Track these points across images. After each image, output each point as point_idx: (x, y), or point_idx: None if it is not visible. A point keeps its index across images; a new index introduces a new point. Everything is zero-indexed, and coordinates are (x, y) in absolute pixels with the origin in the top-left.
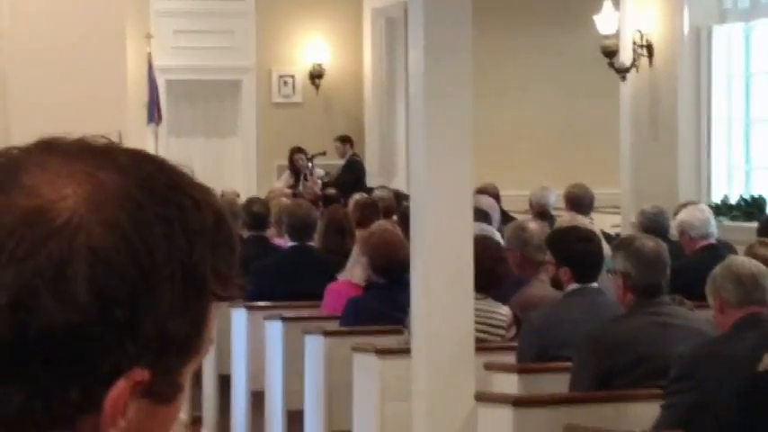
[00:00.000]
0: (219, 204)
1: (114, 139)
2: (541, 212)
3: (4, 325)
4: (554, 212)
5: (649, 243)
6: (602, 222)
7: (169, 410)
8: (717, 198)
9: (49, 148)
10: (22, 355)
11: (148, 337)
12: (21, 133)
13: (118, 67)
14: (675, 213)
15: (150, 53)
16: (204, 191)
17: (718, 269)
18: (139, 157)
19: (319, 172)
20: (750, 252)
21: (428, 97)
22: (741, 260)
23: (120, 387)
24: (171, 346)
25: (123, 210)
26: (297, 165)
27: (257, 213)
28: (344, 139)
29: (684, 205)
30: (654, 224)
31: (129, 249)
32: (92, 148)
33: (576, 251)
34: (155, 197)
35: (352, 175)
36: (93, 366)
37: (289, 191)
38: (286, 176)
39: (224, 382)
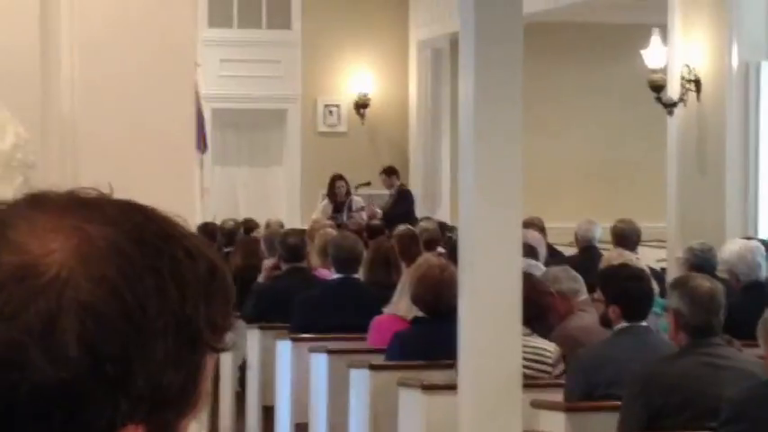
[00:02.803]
0: (213, 253)
1: (105, 190)
2: (587, 246)
3: None
4: (599, 246)
5: (705, 284)
6: (646, 257)
7: None
8: (764, 234)
9: (37, 203)
10: (12, 414)
11: (142, 392)
12: (89, 175)
13: (185, 104)
14: (722, 251)
15: (197, 82)
16: (197, 240)
17: None
18: (129, 208)
19: (358, 202)
20: None
21: (478, 132)
22: None
23: None
24: (166, 401)
25: (112, 262)
26: (336, 193)
27: (293, 245)
28: (391, 171)
29: (733, 242)
30: (701, 261)
31: (120, 303)
32: (80, 201)
33: (627, 290)
34: (145, 248)
35: (403, 206)
36: (86, 423)
37: (330, 222)
38: (325, 205)
39: (267, 414)
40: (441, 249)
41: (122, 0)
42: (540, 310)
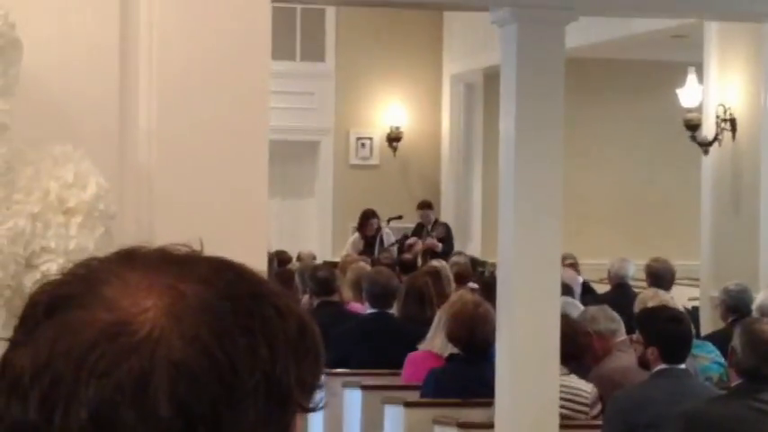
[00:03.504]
0: (302, 311)
1: (195, 246)
2: (620, 284)
3: None
4: (632, 283)
5: None
6: (679, 295)
7: None
8: None
9: (129, 259)
10: None
11: None
12: (165, 226)
13: (260, 154)
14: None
15: None
16: (287, 298)
17: None
18: (220, 266)
19: (389, 236)
20: None
21: (519, 166)
22: None
23: None
24: None
25: (204, 322)
26: (369, 229)
27: (323, 278)
28: (429, 205)
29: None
30: (737, 302)
31: (211, 363)
32: (172, 258)
33: (666, 331)
34: (236, 307)
35: (448, 240)
36: None
37: (360, 257)
38: (355, 240)
39: None
40: (473, 285)
41: (201, 49)
42: (577, 349)
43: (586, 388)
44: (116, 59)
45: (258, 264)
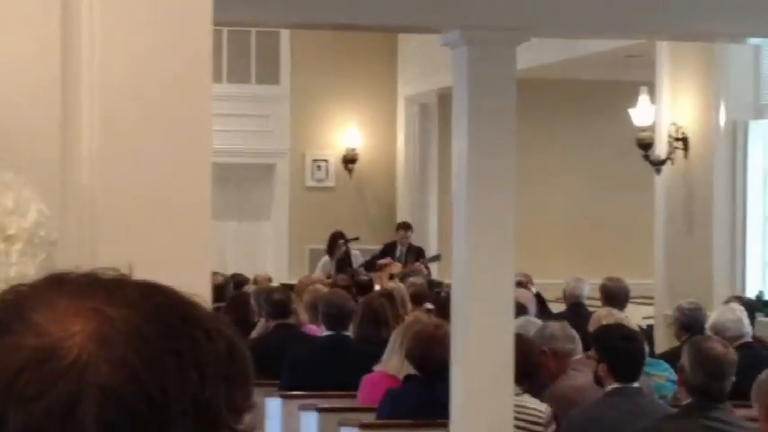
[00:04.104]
0: (232, 333)
1: (125, 269)
2: (575, 303)
3: None
4: (587, 303)
5: (717, 347)
6: (633, 313)
7: None
8: (751, 292)
9: (58, 284)
10: None
11: None
12: (107, 250)
13: (203, 175)
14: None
15: None
16: (217, 320)
17: (764, 375)
18: (149, 290)
19: (358, 259)
20: None
21: (471, 187)
22: None
23: None
24: None
25: (132, 345)
26: (336, 250)
27: (278, 301)
28: (409, 226)
29: (718, 309)
30: (691, 320)
31: (139, 386)
32: (100, 283)
33: (617, 349)
34: (165, 330)
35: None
36: None
37: (327, 279)
38: (325, 263)
39: None
40: (429, 306)
41: (142, 74)
42: (531, 368)
43: (540, 407)
44: (57, 86)
45: (202, 287)
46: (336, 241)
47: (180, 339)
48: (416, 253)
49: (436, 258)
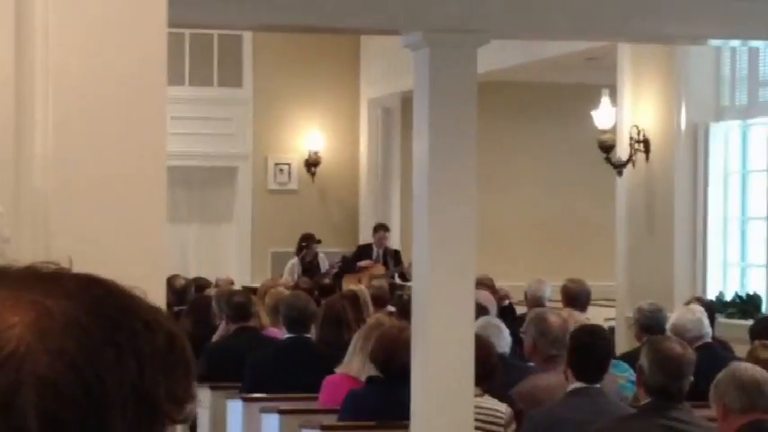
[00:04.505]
0: (172, 325)
1: (65, 264)
2: (536, 305)
3: None
4: (549, 304)
5: (676, 347)
6: (595, 315)
7: None
8: (712, 294)
9: None
10: None
11: None
12: (62, 254)
13: (159, 177)
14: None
15: None
16: (156, 312)
17: (721, 375)
18: (88, 282)
19: (325, 262)
20: (751, 356)
21: (432, 191)
22: (744, 366)
23: None
24: None
25: (70, 336)
26: (308, 255)
27: (238, 304)
28: (386, 227)
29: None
30: (651, 321)
31: (78, 376)
32: (39, 275)
33: (580, 350)
34: (103, 321)
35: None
36: None
37: (291, 282)
38: (293, 265)
39: None
40: (390, 308)
41: (96, 77)
42: (491, 369)
43: (500, 408)
44: (12, 88)
45: (156, 285)
46: (307, 243)
47: (119, 331)
48: (393, 255)
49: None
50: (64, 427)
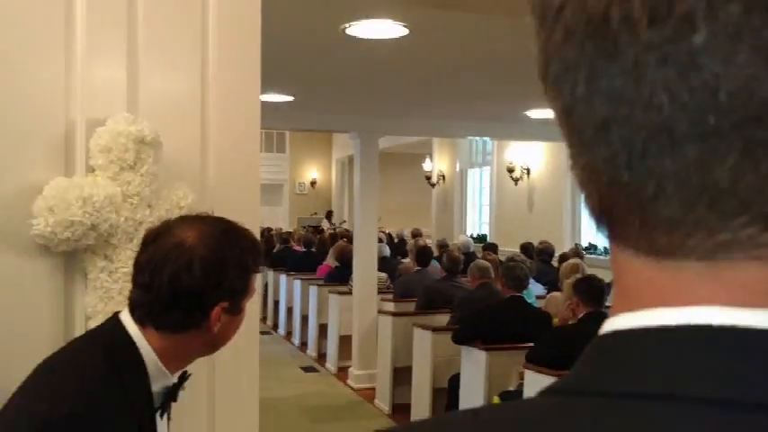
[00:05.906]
0: (256, 239)
1: (211, 212)
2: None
3: (166, 288)
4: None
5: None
6: None
7: (237, 318)
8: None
9: (182, 218)
10: (173, 301)
11: (226, 289)
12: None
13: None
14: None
15: None
16: (250, 234)
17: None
18: (222, 221)
19: None
20: (483, 258)
21: (362, 200)
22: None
23: (217, 310)
24: (236, 292)
25: (212, 240)
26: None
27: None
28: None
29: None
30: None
31: (216, 254)
32: (200, 216)
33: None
34: (229, 236)
35: None
36: (203, 303)
37: None
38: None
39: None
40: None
41: None
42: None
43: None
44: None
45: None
46: (328, 215)
47: (234, 237)
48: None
49: None
50: (210, 275)
